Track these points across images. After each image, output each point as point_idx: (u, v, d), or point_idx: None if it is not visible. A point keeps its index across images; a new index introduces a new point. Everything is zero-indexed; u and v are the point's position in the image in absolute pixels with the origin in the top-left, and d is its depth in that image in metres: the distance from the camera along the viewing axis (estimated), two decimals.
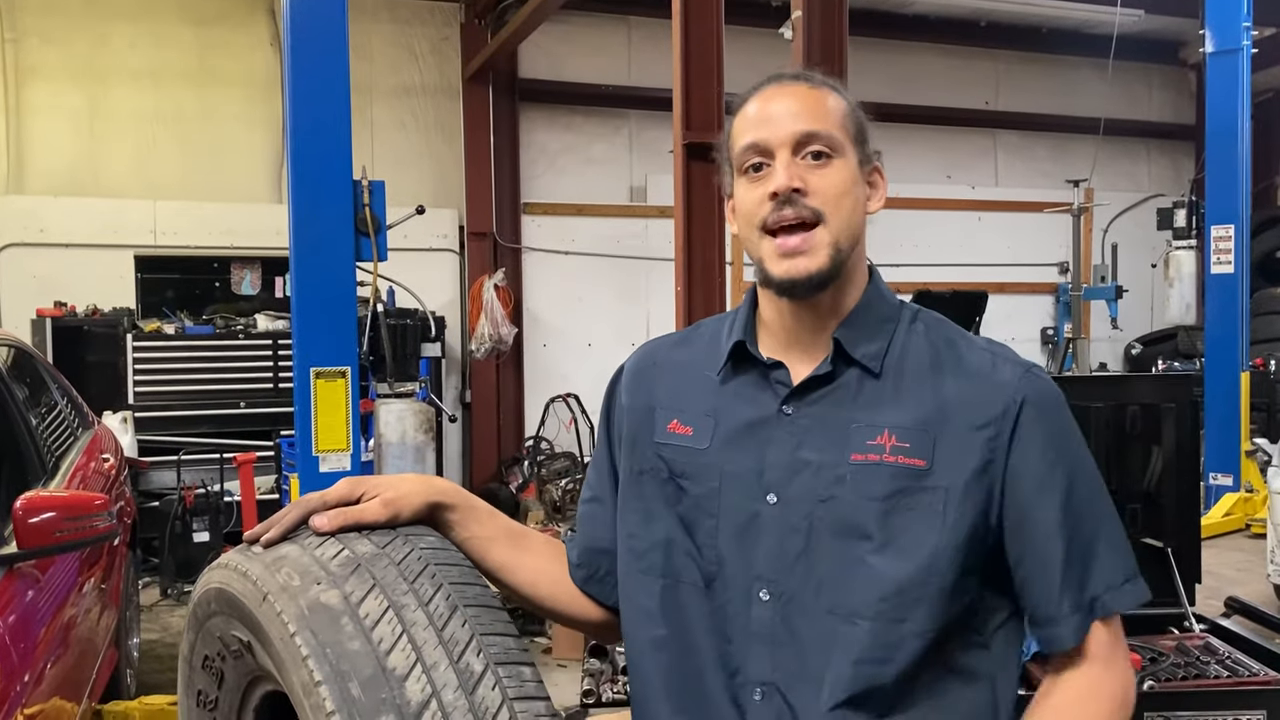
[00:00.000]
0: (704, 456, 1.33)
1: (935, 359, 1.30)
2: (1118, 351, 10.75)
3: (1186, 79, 11.66)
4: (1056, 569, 1.25)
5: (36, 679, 2.62)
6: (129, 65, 8.32)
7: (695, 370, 1.40)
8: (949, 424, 1.25)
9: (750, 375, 1.35)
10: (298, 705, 1.12)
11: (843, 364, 1.30)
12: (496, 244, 9.19)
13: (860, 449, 1.25)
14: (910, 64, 10.38)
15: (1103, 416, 2.37)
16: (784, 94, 1.32)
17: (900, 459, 1.24)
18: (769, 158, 1.29)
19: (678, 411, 1.37)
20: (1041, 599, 1.27)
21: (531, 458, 8.85)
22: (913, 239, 9.98)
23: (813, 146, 1.28)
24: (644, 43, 9.46)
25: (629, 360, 1.49)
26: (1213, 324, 7.57)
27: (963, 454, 1.24)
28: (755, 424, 1.31)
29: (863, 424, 1.27)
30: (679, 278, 4.86)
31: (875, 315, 1.33)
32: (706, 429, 1.34)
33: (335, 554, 1.20)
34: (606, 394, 1.49)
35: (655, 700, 1.32)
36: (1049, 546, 1.25)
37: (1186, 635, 2.32)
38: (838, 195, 1.28)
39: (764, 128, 1.29)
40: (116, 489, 4.34)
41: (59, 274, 7.73)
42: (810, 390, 1.30)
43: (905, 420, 1.26)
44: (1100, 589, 1.27)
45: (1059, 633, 1.26)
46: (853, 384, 1.30)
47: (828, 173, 1.28)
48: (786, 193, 1.26)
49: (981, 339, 1.36)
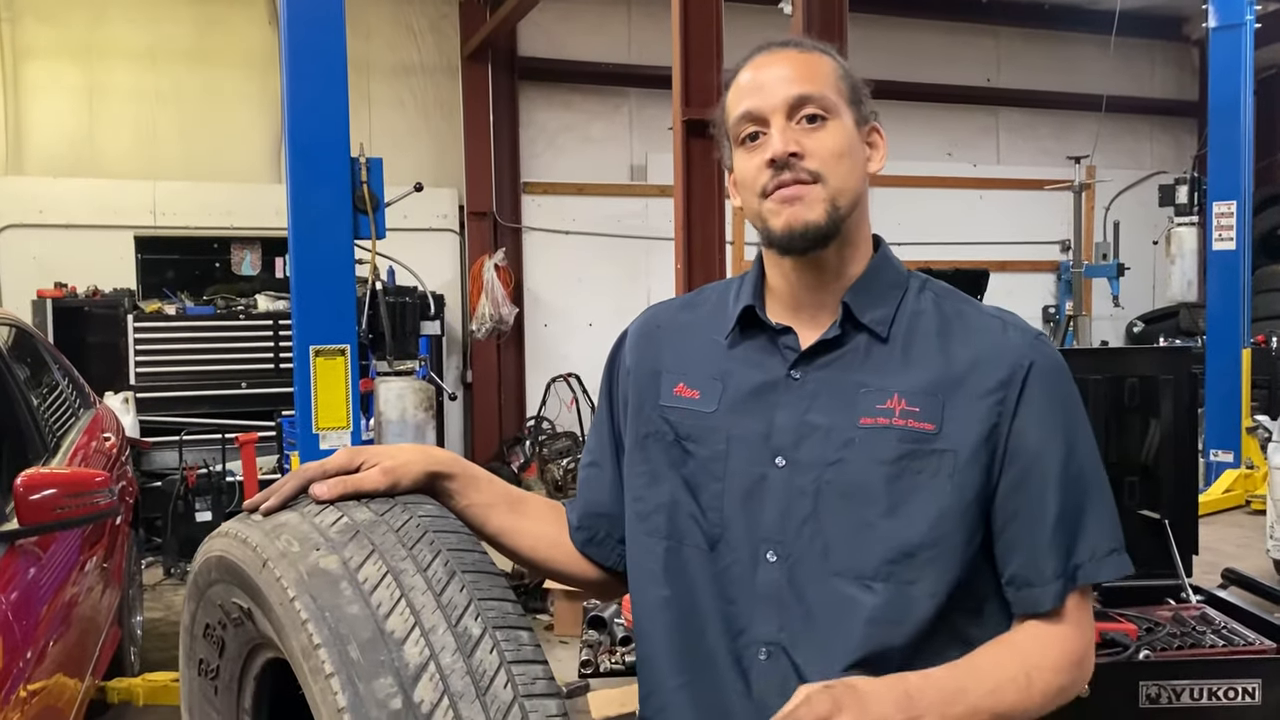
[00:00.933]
0: (711, 420, 1.33)
1: (944, 325, 1.31)
2: (1119, 329, 10.74)
3: (1190, 55, 11.60)
4: (1045, 532, 1.26)
5: (39, 656, 2.64)
6: (127, 44, 8.29)
7: (702, 334, 1.40)
8: (958, 389, 1.26)
9: (758, 340, 1.35)
10: (297, 669, 1.12)
11: (851, 328, 1.31)
12: (496, 223, 9.18)
13: (869, 413, 1.26)
14: (911, 40, 10.33)
15: (1101, 389, 2.37)
16: (775, 60, 1.32)
17: (910, 423, 1.25)
18: (764, 125, 1.29)
19: (683, 375, 1.38)
20: (1026, 560, 1.27)
21: (533, 437, 8.87)
22: (913, 217, 9.94)
23: (807, 110, 1.28)
24: (644, 20, 9.42)
25: (634, 324, 1.49)
26: (1214, 301, 7.58)
27: (971, 418, 1.25)
28: (763, 388, 1.32)
29: (871, 388, 1.27)
30: (679, 255, 4.85)
31: (883, 281, 1.34)
32: (714, 392, 1.34)
33: (334, 521, 1.21)
34: (609, 358, 1.49)
35: (660, 660, 1.33)
36: (1041, 509, 1.26)
37: (1183, 606, 2.33)
38: (834, 156, 1.28)
39: (757, 95, 1.30)
40: (118, 468, 4.36)
41: (59, 255, 7.73)
42: (819, 354, 1.31)
43: (914, 385, 1.27)
44: (1084, 557, 1.28)
45: (1037, 595, 1.27)
46: (861, 348, 1.30)
47: (823, 135, 1.28)
48: (783, 157, 1.26)
49: (991, 307, 1.37)
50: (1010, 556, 1.28)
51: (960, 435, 1.25)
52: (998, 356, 1.28)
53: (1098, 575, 1.28)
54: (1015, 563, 1.27)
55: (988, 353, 1.28)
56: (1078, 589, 1.28)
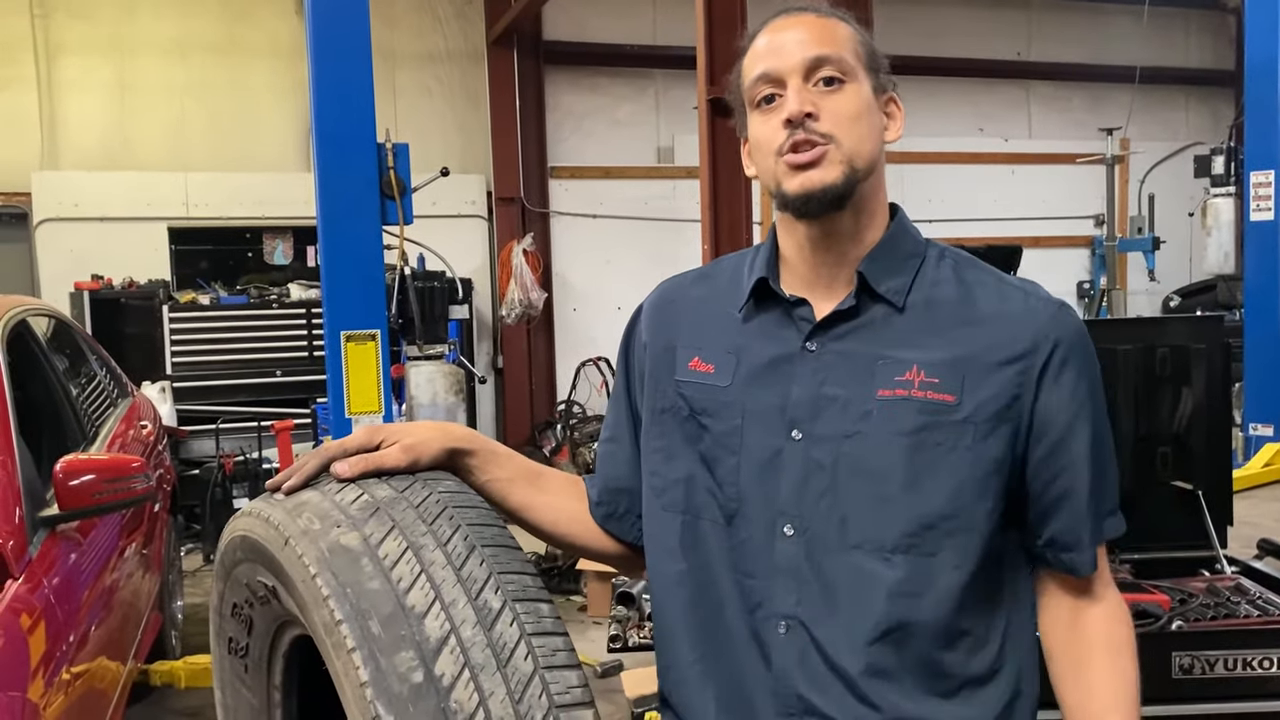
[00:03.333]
0: (725, 394, 1.32)
1: (965, 295, 1.30)
2: (1155, 304, 10.58)
3: (1226, 23, 11.38)
4: (1084, 499, 1.29)
5: (81, 640, 2.69)
6: (157, 37, 8.37)
7: (716, 307, 1.39)
8: (978, 360, 1.25)
9: (773, 313, 1.34)
10: (320, 644, 1.14)
11: (867, 299, 1.29)
12: (524, 209, 9.19)
13: (887, 384, 1.25)
14: (940, 15, 10.21)
15: (1132, 359, 2.34)
16: (792, 23, 1.31)
17: (929, 394, 1.24)
18: (780, 88, 1.28)
19: (698, 349, 1.37)
20: (1067, 526, 1.30)
21: (564, 421, 8.90)
22: (945, 193, 9.85)
23: (823, 72, 1.27)
24: (668, 1, 9.37)
25: (648, 298, 1.48)
26: (1252, 273, 7.42)
27: (991, 389, 1.24)
28: (779, 360, 1.31)
29: (890, 360, 1.26)
30: (705, 235, 4.85)
31: (900, 251, 1.32)
32: (728, 366, 1.33)
33: (355, 498, 1.22)
34: (625, 332, 1.48)
35: (677, 634, 1.33)
36: (1078, 477, 1.29)
37: (1218, 577, 2.31)
38: (851, 119, 1.27)
39: (773, 58, 1.29)
40: (155, 455, 4.42)
41: (94, 247, 7.83)
42: (834, 325, 1.30)
43: (933, 356, 1.25)
44: (1104, 518, 1.33)
45: (1081, 559, 1.31)
46: (878, 319, 1.29)
47: (839, 97, 1.27)
48: (799, 118, 1.25)
49: (1013, 276, 1.36)
50: (1047, 522, 1.31)
51: (981, 406, 1.24)
52: (1020, 327, 1.26)
53: (1110, 533, 1.34)
54: (1053, 528, 1.31)
55: (1009, 323, 1.27)
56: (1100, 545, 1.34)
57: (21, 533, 2.54)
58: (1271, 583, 2.26)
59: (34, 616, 2.39)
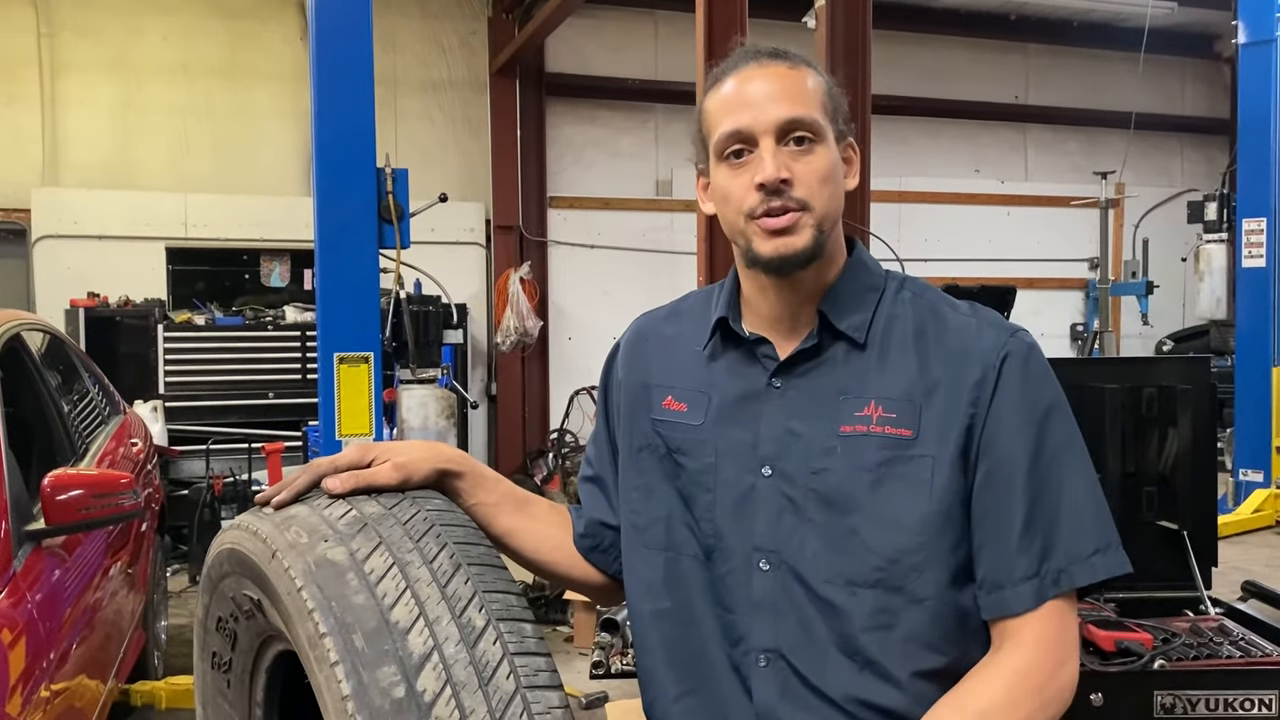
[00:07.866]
0: (699, 432, 1.34)
1: (920, 327, 1.30)
2: (1149, 348, 10.63)
3: (1221, 72, 11.51)
4: (1013, 531, 1.22)
5: (62, 657, 2.67)
6: (162, 59, 8.44)
7: (685, 345, 1.41)
8: (934, 392, 1.26)
9: (738, 351, 1.36)
10: (303, 657, 1.14)
11: (829, 336, 1.31)
12: (523, 237, 9.23)
13: (849, 420, 1.26)
14: (940, 58, 10.33)
15: (1118, 399, 2.36)
16: (763, 75, 1.30)
17: (887, 429, 1.25)
18: (751, 144, 1.28)
19: (671, 388, 1.39)
20: (994, 562, 1.23)
21: (556, 450, 8.88)
22: (941, 233, 9.92)
23: (796, 133, 1.27)
24: (670, 37, 9.47)
25: (624, 336, 1.51)
26: (1244, 318, 7.48)
27: (948, 421, 1.24)
28: (747, 397, 1.33)
29: (850, 395, 1.27)
30: (701, 268, 4.86)
31: (859, 285, 1.33)
32: (700, 405, 1.35)
33: (343, 514, 1.23)
34: (604, 370, 1.51)
35: (660, 670, 1.34)
36: (1009, 507, 1.22)
37: (1201, 618, 2.31)
38: (821, 181, 1.28)
39: (745, 113, 1.28)
40: (144, 473, 4.41)
41: (92, 265, 7.85)
42: (798, 364, 1.31)
43: (891, 390, 1.26)
44: (1063, 561, 1.22)
45: (1007, 598, 1.22)
46: (839, 356, 1.30)
47: (812, 160, 1.27)
48: (774, 184, 1.25)
49: (965, 304, 1.34)
50: (980, 557, 1.24)
51: (938, 439, 1.24)
52: (972, 357, 1.27)
53: (1081, 578, 1.22)
54: (985, 564, 1.24)
55: (963, 354, 1.27)
56: (1061, 594, 1.22)
57: (6, 546, 2.53)
58: (1255, 624, 2.27)
59: (15, 632, 2.37)
